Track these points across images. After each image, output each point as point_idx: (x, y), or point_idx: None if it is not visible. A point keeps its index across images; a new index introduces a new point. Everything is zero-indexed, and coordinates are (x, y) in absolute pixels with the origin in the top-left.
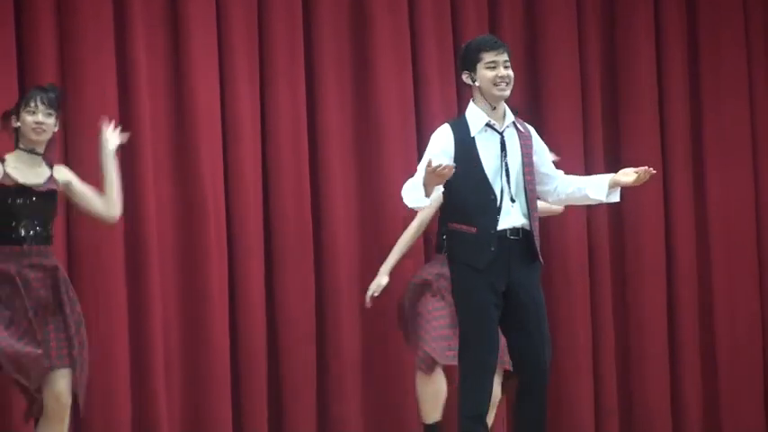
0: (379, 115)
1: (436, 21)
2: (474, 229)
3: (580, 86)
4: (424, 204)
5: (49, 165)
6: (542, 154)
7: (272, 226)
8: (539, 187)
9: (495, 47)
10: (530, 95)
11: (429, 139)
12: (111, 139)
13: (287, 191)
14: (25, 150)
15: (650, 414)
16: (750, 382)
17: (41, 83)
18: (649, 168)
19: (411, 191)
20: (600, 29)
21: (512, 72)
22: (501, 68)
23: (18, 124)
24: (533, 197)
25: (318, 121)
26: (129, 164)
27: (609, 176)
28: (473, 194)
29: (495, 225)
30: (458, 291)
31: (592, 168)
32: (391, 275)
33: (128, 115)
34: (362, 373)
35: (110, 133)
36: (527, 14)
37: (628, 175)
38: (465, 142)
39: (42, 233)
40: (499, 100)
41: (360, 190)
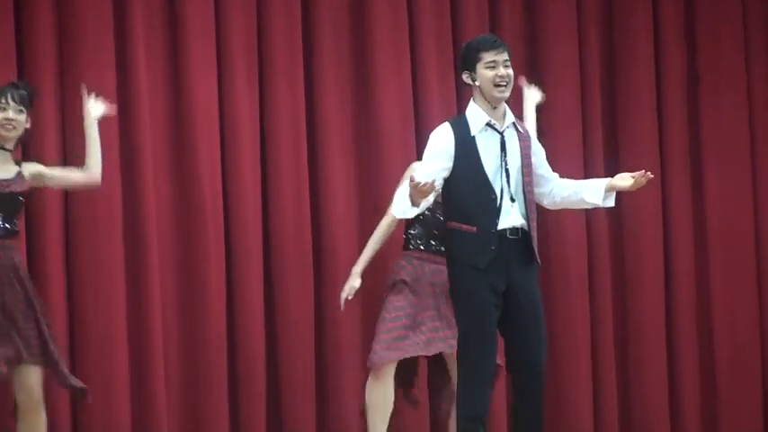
0: (379, 115)
1: (436, 20)
2: (474, 229)
3: (579, 86)
4: (411, 215)
5: (17, 162)
6: (540, 156)
7: (271, 226)
8: (535, 189)
9: (494, 46)
10: None
11: (428, 139)
12: (94, 108)
13: (286, 191)
14: None
15: (649, 416)
16: (748, 385)
17: (41, 82)
18: (647, 173)
19: (399, 202)
20: (599, 29)
21: (512, 71)
22: (501, 68)
23: None
24: (532, 198)
25: (317, 120)
26: (129, 164)
27: (605, 180)
28: (473, 194)
29: (496, 224)
30: (458, 291)
31: (591, 168)
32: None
33: (127, 115)
34: (362, 374)
35: (93, 103)
36: (527, 14)
37: (625, 180)
38: (465, 141)
39: (7, 227)
40: (499, 101)
41: (359, 190)
